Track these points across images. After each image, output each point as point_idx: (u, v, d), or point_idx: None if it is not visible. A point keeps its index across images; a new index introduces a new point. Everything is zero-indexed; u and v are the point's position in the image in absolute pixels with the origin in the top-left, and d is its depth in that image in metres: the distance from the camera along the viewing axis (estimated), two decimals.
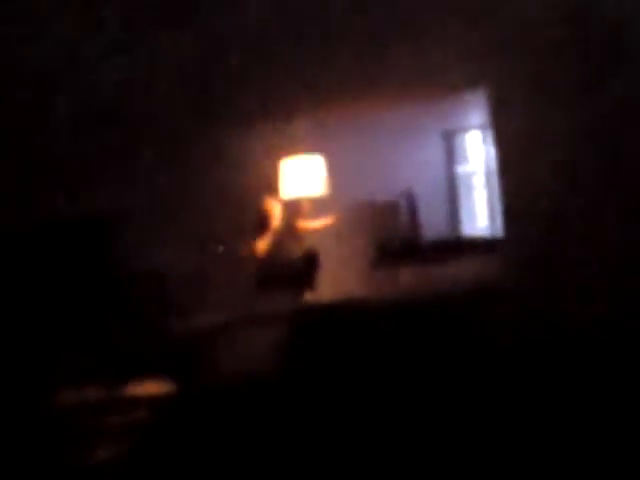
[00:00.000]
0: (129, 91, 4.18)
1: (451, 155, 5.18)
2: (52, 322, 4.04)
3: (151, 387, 3.90)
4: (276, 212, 4.59)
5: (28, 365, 3.91)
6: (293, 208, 4.68)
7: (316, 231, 4.65)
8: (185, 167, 4.34)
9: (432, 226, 5.00)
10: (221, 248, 4.36)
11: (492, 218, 5.03)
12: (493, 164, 4.81)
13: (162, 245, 4.19)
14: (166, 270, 4.22)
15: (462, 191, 5.20)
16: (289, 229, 4.68)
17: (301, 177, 4.65)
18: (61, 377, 3.89)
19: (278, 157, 4.65)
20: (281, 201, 4.63)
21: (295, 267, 4.59)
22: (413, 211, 4.94)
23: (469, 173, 5.22)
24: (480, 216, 5.18)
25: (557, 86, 4.23)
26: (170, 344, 4.13)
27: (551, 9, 4.08)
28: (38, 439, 3.64)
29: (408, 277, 4.67)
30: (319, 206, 4.66)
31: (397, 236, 4.90)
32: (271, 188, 4.67)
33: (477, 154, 5.18)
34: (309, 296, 4.54)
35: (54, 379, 3.88)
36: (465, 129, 5.16)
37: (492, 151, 4.77)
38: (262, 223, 4.56)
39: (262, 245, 4.52)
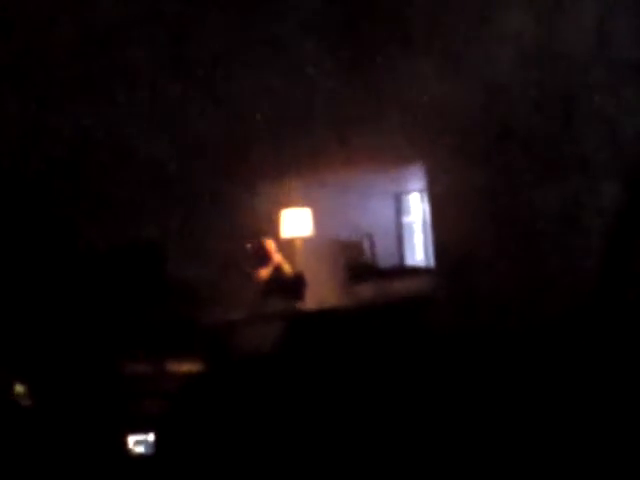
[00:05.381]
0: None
1: (399, 209, 5.73)
2: (120, 320, 4.71)
3: (186, 365, 4.75)
4: (273, 248, 5.30)
5: (104, 344, 4.64)
6: (289, 244, 5.37)
7: (303, 260, 5.39)
8: (219, 214, 5.01)
9: (385, 258, 5.59)
10: (248, 268, 5.11)
11: (426, 253, 5.61)
12: (427, 216, 5.52)
13: (197, 266, 4.87)
14: (198, 283, 4.83)
15: (406, 234, 5.74)
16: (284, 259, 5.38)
17: (295, 223, 5.40)
18: (124, 354, 4.67)
19: (280, 209, 5.40)
20: (279, 239, 5.32)
21: (288, 284, 5.30)
22: (372, 247, 5.55)
23: (411, 222, 5.75)
24: (418, 252, 5.70)
25: (472, 158, 4.95)
26: (201, 334, 4.83)
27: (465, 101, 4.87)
28: (106, 395, 4.50)
29: (369, 293, 5.34)
30: (307, 243, 5.40)
31: (361, 264, 5.50)
32: (273, 231, 5.41)
33: (417, 209, 5.72)
34: (299, 305, 5.22)
35: (120, 355, 4.67)
36: (409, 192, 5.70)
37: (427, 207, 5.50)
38: (261, 255, 5.29)
39: (264, 273, 5.26)
